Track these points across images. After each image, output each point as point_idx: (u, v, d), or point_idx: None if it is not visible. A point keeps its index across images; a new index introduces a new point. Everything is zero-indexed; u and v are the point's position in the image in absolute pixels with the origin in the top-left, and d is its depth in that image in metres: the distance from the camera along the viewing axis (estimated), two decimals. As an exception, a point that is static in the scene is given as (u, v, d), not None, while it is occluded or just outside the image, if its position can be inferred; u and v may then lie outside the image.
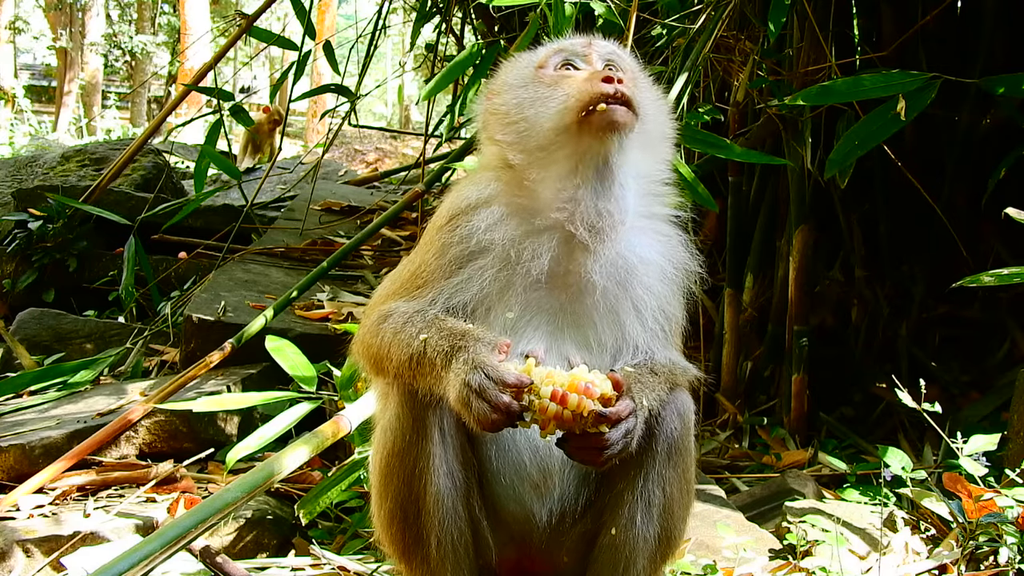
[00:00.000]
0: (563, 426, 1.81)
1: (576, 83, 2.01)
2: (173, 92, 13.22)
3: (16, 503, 2.99)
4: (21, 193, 6.77)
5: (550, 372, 1.81)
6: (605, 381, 1.84)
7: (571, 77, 2.04)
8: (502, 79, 2.16)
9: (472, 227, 2.03)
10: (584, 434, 1.83)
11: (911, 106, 2.93)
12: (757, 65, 4.13)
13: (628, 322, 2.06)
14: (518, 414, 1.79)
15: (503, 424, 1.79)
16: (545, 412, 1.78)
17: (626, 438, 1.86)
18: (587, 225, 1.99)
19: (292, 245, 5.96)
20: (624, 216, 2.04)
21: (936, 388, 4.20)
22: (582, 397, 1.78)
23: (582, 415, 1.79)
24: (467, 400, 1.79)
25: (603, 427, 1.81)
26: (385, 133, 20.80)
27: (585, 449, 1.86)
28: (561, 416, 1.78)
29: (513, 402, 1.77)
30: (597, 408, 1.79)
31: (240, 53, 26.28)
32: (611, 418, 1.81)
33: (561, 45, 2.16)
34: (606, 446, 1.83)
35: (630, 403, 1.86)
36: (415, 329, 1.93)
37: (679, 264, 2.15)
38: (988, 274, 2.79)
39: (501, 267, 2.01)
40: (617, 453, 1.86)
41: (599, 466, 1.89)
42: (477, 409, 1.77)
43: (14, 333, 5.08)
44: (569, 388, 1.79)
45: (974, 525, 2.64)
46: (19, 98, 21.52)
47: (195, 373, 3.71)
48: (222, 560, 2.61)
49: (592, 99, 1.94)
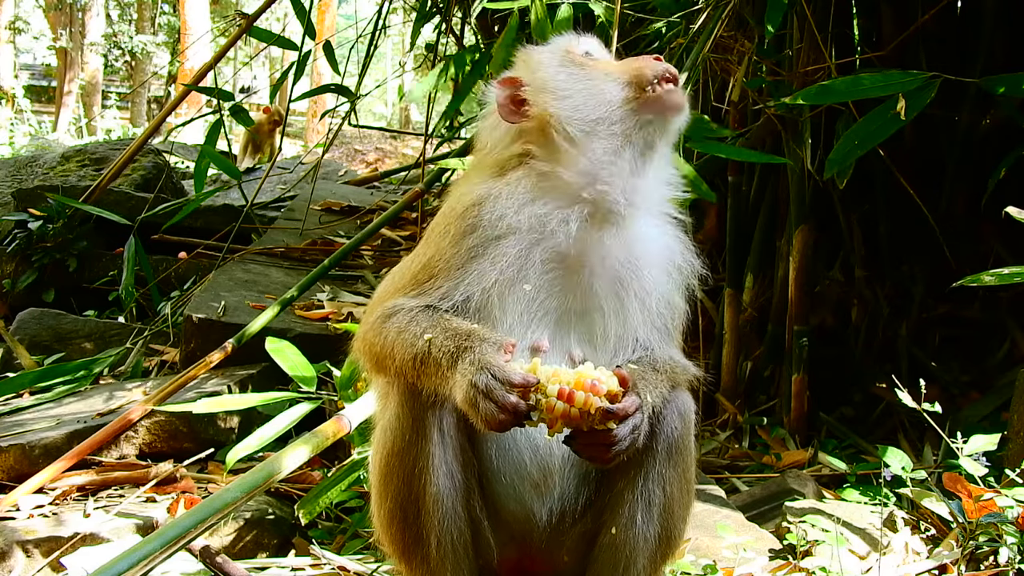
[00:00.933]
0: (571, 424, 1.81)
1: (625, 64, 2.09)
2: (173, 92, 13.21)
3: (16, 503, 2.99)
4: (21, 193, 6.78)
5: (556, 370, 1.81)
6: (611, 378, 1.84)
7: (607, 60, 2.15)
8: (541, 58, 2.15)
9: (493, 213, 2.00)
10: (591, 431, 1.83)
11: (911, 106, 2.93)
12: (756, 65, 4.13)
13: (632, 312, 2.06)
14: (525, 413, 1.79)
15: (511, 424, 1.79)
16: (552, 411, 1.78)
17: (633, 434, 1.86)
18: (617, 201, 2.02)
19: (292, 245, 5.96)
20: (647, 200, 2.08)
21: (936, 388, 4.20)
22: (589, 394, 1.78)
23: (589, 412, 1.79)
24: (474, 401, 1.78)
25: (610, 424, 1.81)
26: (385, 133, 20.81)
27: (593, 446, 1.86)
28: (568, 414, 1.78)
29: (520, 402, 1.77)
30: (604, 405, 1.79)
31: (240, 53, 26.26)
32: (618, 414, 1.81)
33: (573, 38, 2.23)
34: (614, 442, 1.83)
35: (636, 399, 1.86)
36: (419, 328, 1.92)
37: (682, 260, 2.16)
38: (988, 274, 2.79)
39: (526, 245, 1.99)
40: (624, 449, 1.86)
41: (606, 463, 1.89)
42: (485, 410, 1.77)
43: (14, 333, 5.08)
44: (576, 386, 1.79)
45: (974, 525, 2.64)
46: (19, 98, 21.50)
47: (195, 373, 3.72)
48: (222, 560, 2.61)
49: (654, 76, 2.01)
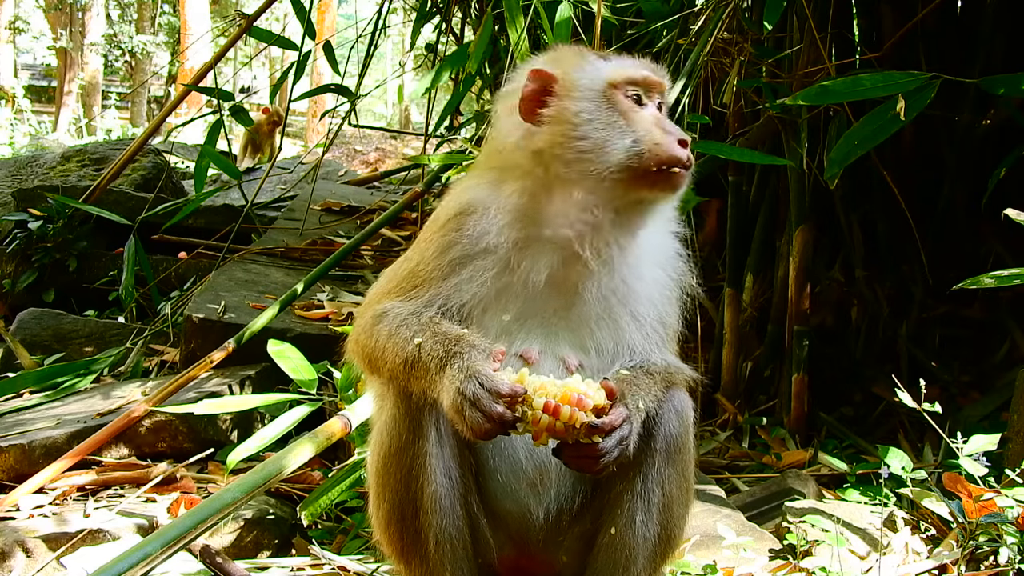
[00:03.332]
0: (556, 436, 1.82)
1: (652, 132, 1.97)
2: (173, 92, 13.22)
3: (16, 503, 2.99)
4: (21, 193, 6.78)
5: (543, 383, 1.82)
6: (599, 391, 1.85)
7: (644, 117, 2.00)
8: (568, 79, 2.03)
9: (475, 228, 2.01)
10: (577, 444, 1.84)
11: (910, 106, 2.93)
12: (756, 67, 4.13)
13: (626, 329, 2.07)
14: (511, 423, 1.79)
15: (496, 433, 1.79)
16: (538, 423, 1.79)
17: (621, 445, 1.86)
18: (595, 251, 2.00)
19: (292, 245, 5.96)
20: (634, 248, 2.06)
21: (936, 388, 4.20)
22: (574, 409, 1.79)
23: (575, 426, 1.80)
24: (461, 408, 1.79)
25: (596, 437, 1.82)
26: (385, 133, 20.80)
27: (580, 458, 1.86)
28: (554, 427, 1.79)
29: (507, 412, 1.78)
30: (590, 420, 1.80)
31: (240, 53, 26.26)
32: (604, 428, 1.82)
33: (633, 75, 2.04)
34: (601, 455, 1.84)
35: (623, 411, 1.86)
36: (410, 332, 1.93)
37: (678, 276, 2.17)
38: (988, 275, 2.79)
39: (500, 271, 2.00)
40: (613, 460, 1.86)
41: (595, 474, 1.89)
42: (471, 418, 1.78)
43: (14, 333, 5.08)
44: (562, 400, 1.79)
45: (974, 525, 2.64)
46: (19, 98, 21.50)
47: (195, 373, 3.72)
48: (222, 560, 2.61)
49: (669, 161, 1.95)
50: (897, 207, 4.17)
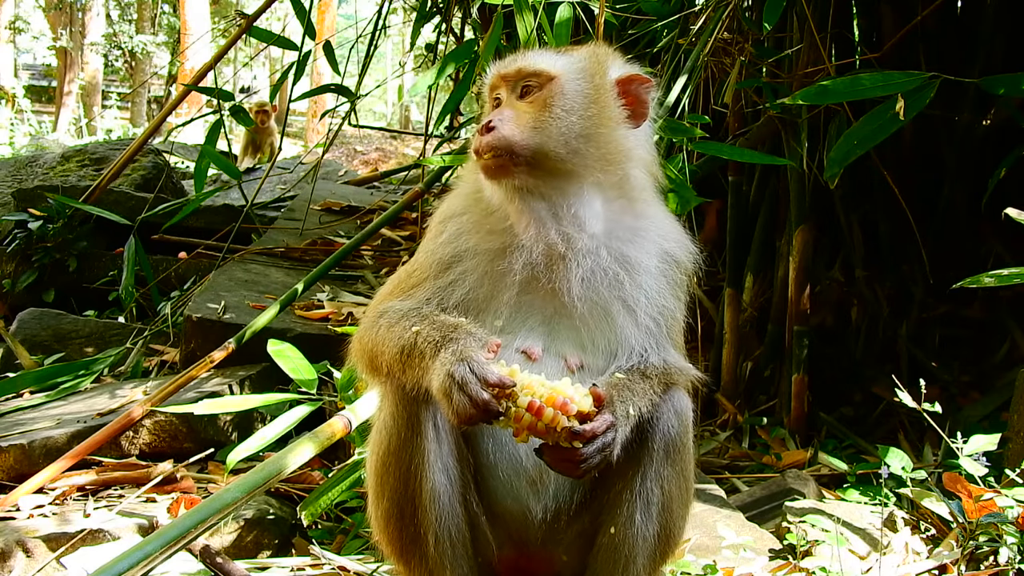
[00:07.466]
0: (536, 435, 1.83)
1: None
2: (173, 92, 13.20)
3: (16, 503, 2.99)
4: (21, 193, 6.78)
5: (531, 382, 1.82)
6: (585, 397, 1.85)
7: None
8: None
9: (456, 231, 2.09)
10: (558, 447, 1.84)
11: (910, 106, 2.93)
12: (756, 67, 4.13)
13: (621, 321, 2.07)
14: (495, 414, 1.79)
15: (479, 420, 1.80)
16: (520, 420, 1.80)
17: (603, 452, 1.86)
18: (551, 247, 2.01)
19: (292, 245, 5.97)
20: (595, 231, 2.05)
21: (936, 388, 4.20)
22: (557, 412, 1.80)
23: (555, 429, 1.80)
24: (448, 391, 1.80)
25: (576, 443, 1.82)
26: (385, 133, 20.82)
27: (561, 461, 1.87)
28: (535, 426, 1.80)
29: (492, 400, 1.78)
30: (571, 425, 1.81)
31: (240, 53, 26.26)
32: (584, 436, 1.82)
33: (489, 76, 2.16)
34: (581, 460, 1.84)
35: (608, 418, 1.86)
36: (409, 323, 1.96)
37: (673, 259, 2.15)
38: (988, 275, 2.79)
39: (483, 273, 2.05)
40: (595, 466, 1.86)
41: (577, 477, 1.91)
42: (457, 401, 1.78)
43: (14, 333, 5.08)
44: (547, 401, 1.80)
45: (974, 525, 2.64)
46: (19, 98, 21.50)
47: (195, 373, 3.71)
48: (222, 560, 2.61)
49: (476, 151, 2.00)
50: (897, 207, 4.17)
